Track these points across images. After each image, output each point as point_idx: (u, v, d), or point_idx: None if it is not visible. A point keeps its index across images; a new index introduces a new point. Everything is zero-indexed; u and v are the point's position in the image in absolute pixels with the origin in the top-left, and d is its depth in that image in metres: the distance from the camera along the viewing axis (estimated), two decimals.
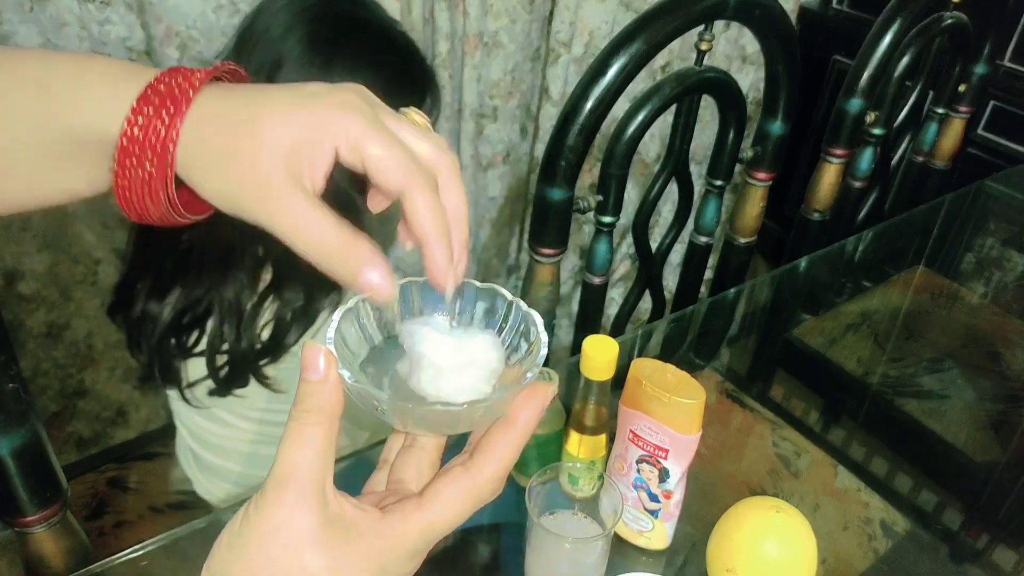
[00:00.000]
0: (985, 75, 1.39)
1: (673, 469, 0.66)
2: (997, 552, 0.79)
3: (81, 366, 1.45)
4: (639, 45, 0.90)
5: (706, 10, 0.94)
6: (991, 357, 1.04)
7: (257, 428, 0.84)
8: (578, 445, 0.70)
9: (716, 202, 1.18)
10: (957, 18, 1.30)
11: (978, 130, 1.69)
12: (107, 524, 1.43)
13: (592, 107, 0.90)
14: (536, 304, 1.04)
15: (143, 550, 0.70)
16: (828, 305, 1.15)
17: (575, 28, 1.65)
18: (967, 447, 0.90)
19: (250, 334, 0.72)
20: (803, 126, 2.02)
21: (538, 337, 0.40)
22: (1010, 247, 1.30)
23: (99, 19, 1.20)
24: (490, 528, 0.74)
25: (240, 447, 0.86)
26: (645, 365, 0.65)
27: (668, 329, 1.09)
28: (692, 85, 1.02)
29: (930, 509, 0.82)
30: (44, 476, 0.76)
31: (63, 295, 1.38)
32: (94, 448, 1.55)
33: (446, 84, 1.53)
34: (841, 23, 1.96)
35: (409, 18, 1.42)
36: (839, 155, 1.28)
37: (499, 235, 1.88)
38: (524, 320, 0.42)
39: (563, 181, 0.93)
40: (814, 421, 0.94)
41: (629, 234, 1.90)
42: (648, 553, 0.72)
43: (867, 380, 1.00)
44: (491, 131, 1.68)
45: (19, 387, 0.70)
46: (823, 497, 0.81)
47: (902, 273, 1.23)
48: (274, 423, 0.84)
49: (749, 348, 1.08)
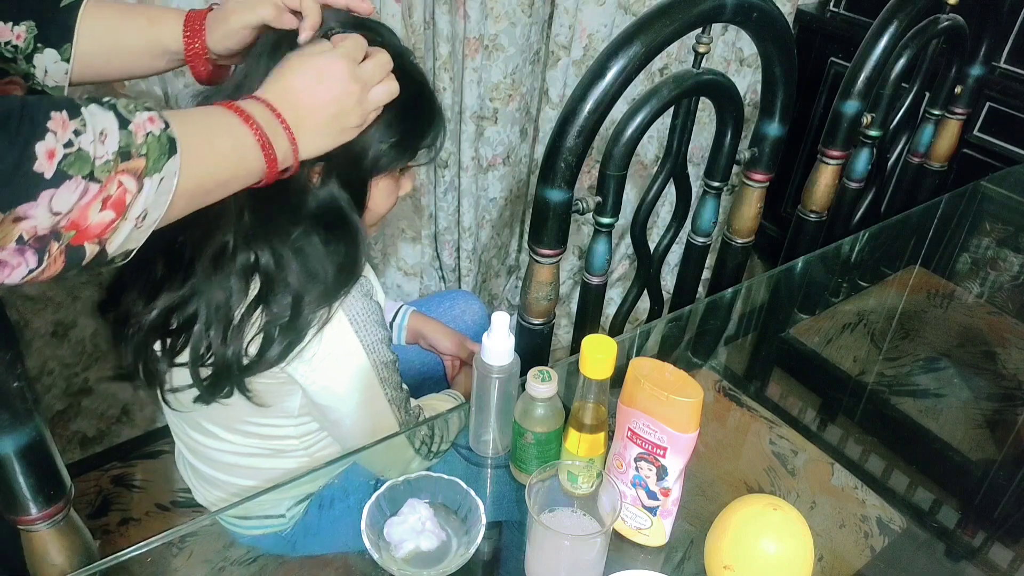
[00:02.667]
0: (981, 77, 1.40)
1: (671, 467, 0.67)
2: (993, 549, 0.79)
3: (86, 365, 1.46)
4: (637, 48, 0.90)
5: (704, 13, 0.95)
6: (987, 356, 1.05)
7: (245, 440, 0.85)
8: (577, 443, 0.71)
9: (714, 203, 1.19)
10: (953, 20, 1.30)
11: (974, 131, 1.70)
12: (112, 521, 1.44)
13: (591, 109, 0.90)
14: (535, 304, 1.04)
15: (148, 547, 0.70)
16: (825, 305, 1.16)
17: (574, 31, 1.65)
18: (963, 445, 0.91)
19: (237, 345, 0.72)
20: (800, 128, 2.02)
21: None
22: (1005, 247, 1.31)
23: None
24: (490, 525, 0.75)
25: (229, 459, 0.87)
26: (643, 364, 0.66)
27: (666, 328, 1.10)
28: (690, 87, 1.02)
29: (926, 507, 0.83)
30: (48, 474, 0.77)
31: (69, 295, 1.38)
32: (98, 446, 1.55)
33: (447, 87, 1.54)
34: (838, 25, 1.97)
35: (410, 21, 1.43)
36: (836, 156, 1.29)
37: (499, 235, 1.89)
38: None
39: (562, 182, 0.93)
40: (811, 420, 0.95)
41: (627, 235, 1.91)
42: (646, 550, 0.73)
43: (863, 379, 1.01)
44: (491, 133, 1.69)
45: (24, 386, 0.70)
46: (820, 495, 0.81)
47: (898, 273, 1.24)
48: (261, 436, 0.84)
49: (746, 347, 1.09)
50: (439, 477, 0.70)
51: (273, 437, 0.85)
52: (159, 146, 0.53)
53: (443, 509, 0.70)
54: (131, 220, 0.53)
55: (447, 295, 1.32)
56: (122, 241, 0.53)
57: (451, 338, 1.14)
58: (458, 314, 1.26)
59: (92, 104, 0.51)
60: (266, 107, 0.63)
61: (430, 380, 1.20)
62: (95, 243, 0.52)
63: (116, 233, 0.52)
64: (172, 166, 0.54)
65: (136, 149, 0.51)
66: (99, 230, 0.51)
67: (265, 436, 0.84)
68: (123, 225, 0.52)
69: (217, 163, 0.60)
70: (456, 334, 1.16)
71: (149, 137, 0.52)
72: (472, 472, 0.82)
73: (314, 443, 0.87)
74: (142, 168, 0.52)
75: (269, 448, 0.86)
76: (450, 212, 1.74)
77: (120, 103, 0.53)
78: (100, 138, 0.50)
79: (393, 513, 0.69)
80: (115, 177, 0.50)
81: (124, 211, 0.52)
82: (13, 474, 0.74)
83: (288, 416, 0.82)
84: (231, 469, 0.89)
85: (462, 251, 1.81)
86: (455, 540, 0.68)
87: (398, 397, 0.83)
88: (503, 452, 0.82)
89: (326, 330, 0.74)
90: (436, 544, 0.67)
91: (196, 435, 0.87)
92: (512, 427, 0.75)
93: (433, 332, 1.15)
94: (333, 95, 0.65)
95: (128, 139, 0.51)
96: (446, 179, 1.68)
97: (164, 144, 0.53)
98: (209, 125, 0.60)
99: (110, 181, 0.50)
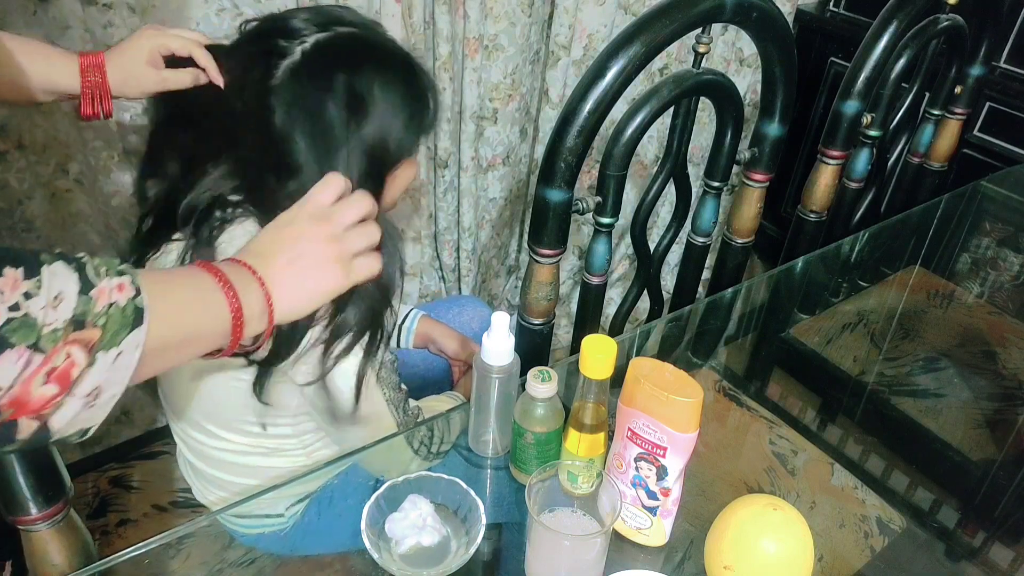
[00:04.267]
0: (981, 77, 1.40)
1: (671, 467, 0.67)
2: (993, 549, 0.79)
3: None
4: (637, 48, 0.90)
5: (704, 13, 0.95)
6: (987, 356, 1.05)
7: (244, 439, 0.85)
8: (577, 443, 0.71)
9: (714, 203, 1.19)
10: (953, 20, 1.30)
11: (974, 131, 1.70)
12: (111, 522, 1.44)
13: (591, 109, 0.90)
14: (535, 304, 1.04)
15: (146, 548, 0.70)
16: (825, 305, 1.16)
17: (574, 31, 1.65)
18: (963, 445, 0.91)
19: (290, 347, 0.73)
20: (800, 128, 2.02)
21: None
22: (1005, 247, 1.31)
23: (102, 22, 1.21)
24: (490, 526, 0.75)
25: (228, 457, 0.87)
26: (643, 364, 0.66)
27: (666, 328, 1.10)
28: (690, 87, 1.02)
29: (926, 507, 0.83)
30: (47, 474, 0.77)
31: None
32: (97, 447, 1.55)
33: (447, 87, 1.54)
34: (838, 25, 1.97)
35: (410, 21, 1.43)
36: (836, 156, 1.29)
37: (499, 235, 1.89)
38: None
39: (562, 182, 0.93)
40: (811, 419, 0.95)
41: (627, 235, 1.91)
42: (646, 550, 0.73)
43: (863, 379, 1.01)
44: (491, 133, 1.69)
45: None
46: (819, 495, 0.81)
47: (898, 273, 1.24)
48: (260, 435, 0.84)
49: (746, 347, 1.09)
50: (439, 477, 0.70)
51: (272, 436, 0.85)
52: (121, 318, 0.48)
53: (443, 509, 0.70)
54: (78, 397, 0.47)
55: (456, 300, 1.32)
56: (70, 419, 0.47)
57: (460, 343, 1.14)
58: (467, 320, 1.26)
59: (58, 262, 0.46)
60: (260, 286, 0.59)
61: (437, 384, 1.20)
62: (33, 418, 0.46)
63: (60, 409, 0.46)
64: (134, 339, 0.49)
65: (92, 319, 0.46)
66: (39, 404, 0.45)
67: (264, 435, 0.84)
68: (69, 401, 0.47)
69: (187, 333, 0.55)
70: (465, 339, 1.16)
71: (112, 307, 0.47)
72: (472, 472, 0.82)
73: (312, 443, 0.87)
74: (95, 340, 0.47)
75: (267, 447, 0.86)
76: (450, 212, 1.74)
77: (92, 263, 0.48)
78: (53, 303, 0.45)
79: (393, 512, 0.69)
80: (63, 348, 0.45)
81: (69, 386, 0.46)
82: (13, 474, 0.74)
83: (287, 416, 0.82)
84: (230, 468, 0.89)
85: (462, 251, 1.81)
86: (455, 540, 0.68)
87: (396, 397, 0.83)
88: (503, 452, 0.82)
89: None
90: (437, 539, 0.67)
91: (196, 434, 0.87)
92: (512, 427, 0.75)
93: (442, 336, 1.15)
94: (322, 290, 0.63)
95: (86, 306, 0.46)
96: (446, 179, 1.68)
97: (128, 316, 0.48)
98: (189, 296, 0.56)
99: (56, 352, 0.44)
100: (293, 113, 0.70)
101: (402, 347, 1.17)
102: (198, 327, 0.56)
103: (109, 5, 1.20)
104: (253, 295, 0.59)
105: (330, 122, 0.71)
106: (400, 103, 0.74)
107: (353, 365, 0.77)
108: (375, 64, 0.73)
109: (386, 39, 0.77)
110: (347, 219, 0.63)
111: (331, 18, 0.74)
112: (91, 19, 1.20)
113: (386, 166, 0.76)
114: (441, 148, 1.63)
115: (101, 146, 1.30)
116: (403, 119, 0.75)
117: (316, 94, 0.70)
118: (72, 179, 1.32)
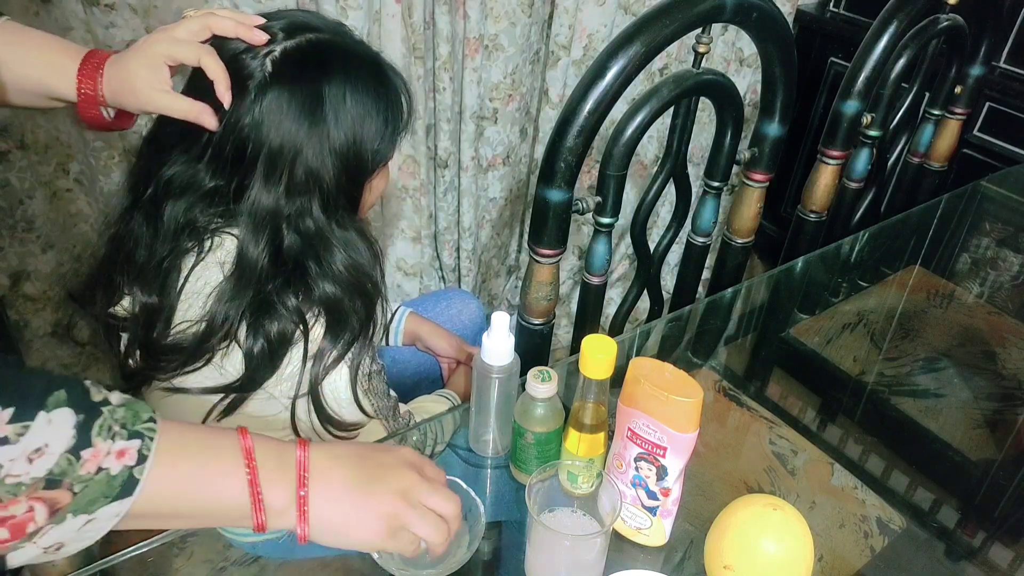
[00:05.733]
0: (981, 77, 1.40)
1: (671, 467, 0.67)
2: (993, 549, 0.79)
3: (86, 365, 1.46)
4: (637, 48, 0.90)
5: (704, 13, 0.95)
6: (986, 356, 1.05)
7: None
8: (577, 443, 0.71)
9: (714, 203, 1.19)
10: (953, 20, 1.30)
11: (974, 131, 1.70)
12: None
13: (591, 109, 0.90)
14: (535, 304, 1.04)
15: (149, 547, 0.70)
16: (825, 305, 1.16)
17: (574, 31, 1.65)
18: (963, 445, 0.91)
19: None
20: (800, 128, 2.02)
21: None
22: (1005, 247, 1.31)
23: (104, 23, 1.21)
24: (490, 525, 0.75)
25: None
26: (643, 364, 0.66)
27: (666, 328, 1.10)
28: (690, 87, 1.03)
29: (926, 507, 0.83)
30: None
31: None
32: None
33: (447, 87, 1.54)
34: (838, 26, 1.97)
35: (410, 21, 1.43)
36: (836, 156, 1.29)
37: (499, 235, 1.89)
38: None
39: (562, 182, 0.93)
40: (811, 419, 0.95)
41: (627, 235, 1.91)
42: (646, 550, 0.73)
43: (863, 379, 1.01)
44: (491, 133, 1.69)
45: None
46: (819, 495, 0.81)
47: (898, 273, 1.24)
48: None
49: (746, 347, 1.09)
50: None
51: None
52: (106, 487, 0.44)
53: None
54: (38, 547, 0.44)
55: (444, 294, 1.32)
56: (27, 560, 0.45)
57: (448, 340, 1.14)
58: (455, 313, 1.26)
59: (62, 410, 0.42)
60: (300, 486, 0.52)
61: (426, 381, 1.20)
62: None
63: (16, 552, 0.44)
64: (113, 510, 0.44)
65: (71, 481, 0.43)
66: None
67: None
68: (26, 547, 0.43)
69: (187, 509, 0.50)
70: (453, 336, 1.15)
71: (99, 473, 0.43)
72: (472, 472, 0.82)
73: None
74: (65, 504, 0.43)
75: None
76: (450, 212, 1.75)
77: (107, 417, 0.44)
78: (31, 454, 0.41)
79: None
80: (24, 501, 0.41)
81: (22, 536, 0.43)
82: None
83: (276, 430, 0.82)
84: None
85: (462, 251, 1.81)
86: (455, 540, 0.68)
87: (384, 407, 0.83)
88: (503, 452, 0.82)
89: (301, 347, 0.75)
90: None
91: None
92: (512, 427, 0.75)
93: (430, 334, 1.15)
94: (354, 538, 0.56)
95: (67, 467, 0.42)
96: (446, 179, 1.68)
97: (115, 486, 0.44)
98: (205, 471, 0.50)
99: (15, 503, 0.41)
100: (266, 128, 0.69)
101: (391, 345, 1.17)
102: (201, 507, 0.50)
103: (111, 6, 1.20)
104: (281, 493, 0.52)
105: (304, 134, 0.70)
106: (373, 107, 0.74)
107: (340, 379, 0.77)
108: (344, 71, 0.72)
109: (355, 42, 0.77)
110: (432, 495, 0.59)
111: (298, 24, 0.73)
112: (93, 20, 1.20)
113: (364, 173, 0.76)
114: (441, 148, 1.63)
115: (101, 146, 1.30)
116: (378, 124, 0.74)
117: (286, 107, 0.70)
118: (72, 179, 1.32)
